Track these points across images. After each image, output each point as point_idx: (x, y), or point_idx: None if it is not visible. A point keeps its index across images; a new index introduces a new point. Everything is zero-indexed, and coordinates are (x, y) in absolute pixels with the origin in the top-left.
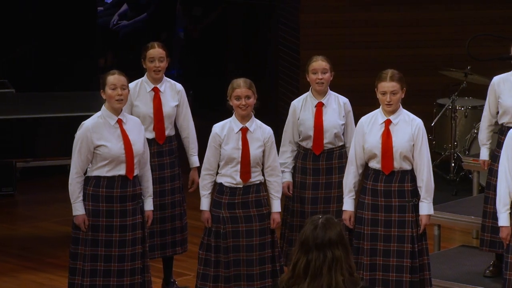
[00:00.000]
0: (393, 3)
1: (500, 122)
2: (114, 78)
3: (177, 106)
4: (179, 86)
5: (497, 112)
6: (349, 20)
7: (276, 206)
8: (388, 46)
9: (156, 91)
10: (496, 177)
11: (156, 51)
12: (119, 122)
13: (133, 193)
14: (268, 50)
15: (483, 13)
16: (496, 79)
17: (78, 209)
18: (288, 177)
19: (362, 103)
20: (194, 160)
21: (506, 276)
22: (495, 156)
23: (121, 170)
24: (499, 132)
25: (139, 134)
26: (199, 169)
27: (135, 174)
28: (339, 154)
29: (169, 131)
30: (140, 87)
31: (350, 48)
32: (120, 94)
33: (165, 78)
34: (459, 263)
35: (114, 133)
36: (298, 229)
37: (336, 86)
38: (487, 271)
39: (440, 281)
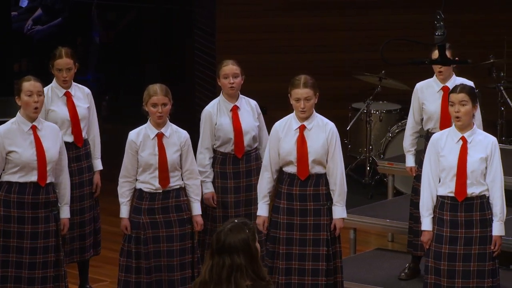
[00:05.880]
0: (308, 9)
1: (425, 128)
2: (30, 85)
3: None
4: (87, 90)
5: (422, 119)
6: (265, 25)
7: (197, 208)
8: (303, 50)
9: (68, 95)
10: None
11: (63, 61)
12: (33, 128)
13: (46, 200)
14: (184, 54)
15: (397, 17)
16: (419, 85)
17: None
18: (210, 188)
19: (277, 108)
20: (98, 164)
21: (426, 280)
22: (421, 162)
23: (33, 177)
24: (425, 138)
25: (55, 141)
26: (101, 172)
27: (48, 181)
28: (256, 156)
29: (84, 133)
30: (52, 92)
31: (266, 53)
32: (37, 101)
33: (73, 83)
34: (375, 266)
35: (27, 139)
36: None
37: (252, 91)
38: (403, 274)
39: (357, 284)
